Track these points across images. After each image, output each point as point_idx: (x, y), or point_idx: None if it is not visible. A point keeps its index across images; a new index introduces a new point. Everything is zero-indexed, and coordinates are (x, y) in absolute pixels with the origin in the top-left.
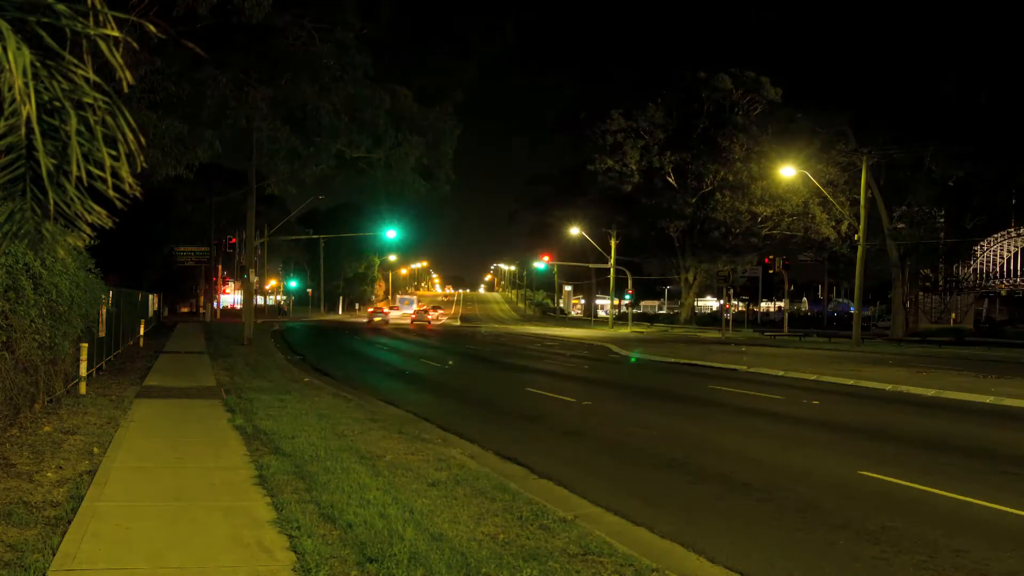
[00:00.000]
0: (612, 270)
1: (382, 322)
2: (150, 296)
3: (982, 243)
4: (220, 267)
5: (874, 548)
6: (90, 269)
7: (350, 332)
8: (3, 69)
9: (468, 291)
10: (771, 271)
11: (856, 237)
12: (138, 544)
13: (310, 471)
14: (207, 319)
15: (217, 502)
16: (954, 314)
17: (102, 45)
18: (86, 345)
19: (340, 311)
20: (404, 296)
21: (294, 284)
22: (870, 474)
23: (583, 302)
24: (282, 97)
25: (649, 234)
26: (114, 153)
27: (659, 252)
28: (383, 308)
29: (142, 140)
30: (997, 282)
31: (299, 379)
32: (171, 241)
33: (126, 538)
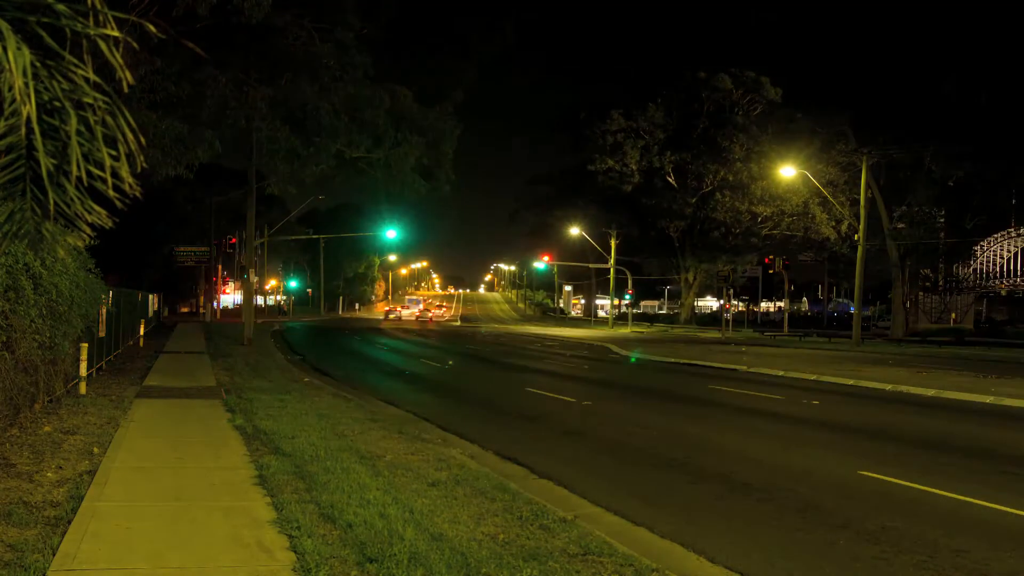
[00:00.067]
0: (612, 270)
1: (396, 318)
2: (150, 296)
3: (982, 243)
4: (220, 267)
5: (874, 548)
6: (90, 269)
7: (350, 332)
8: (3, 69)
9: (468, 291)
10: (771, 271)
11: (856, 237)
12: (138, 544)
13: (310, 471)
14: (207, 319)
15: (217, 502)
16: (954, 314)
17: (102, 45)
18: (86, 345)
19: (340, 311)
20: (411, 297)
21: (294, 284)
22: (870, 474)
23: (583, 302)
24: (282, 97)
25: (649, 234)
26: (114, 153)
27: (659, 252)
28: (396, 307)
29: (142, 140)
30: (997, 282)
31: (299, 379)
32: (171, 241)
33: (126, 538)
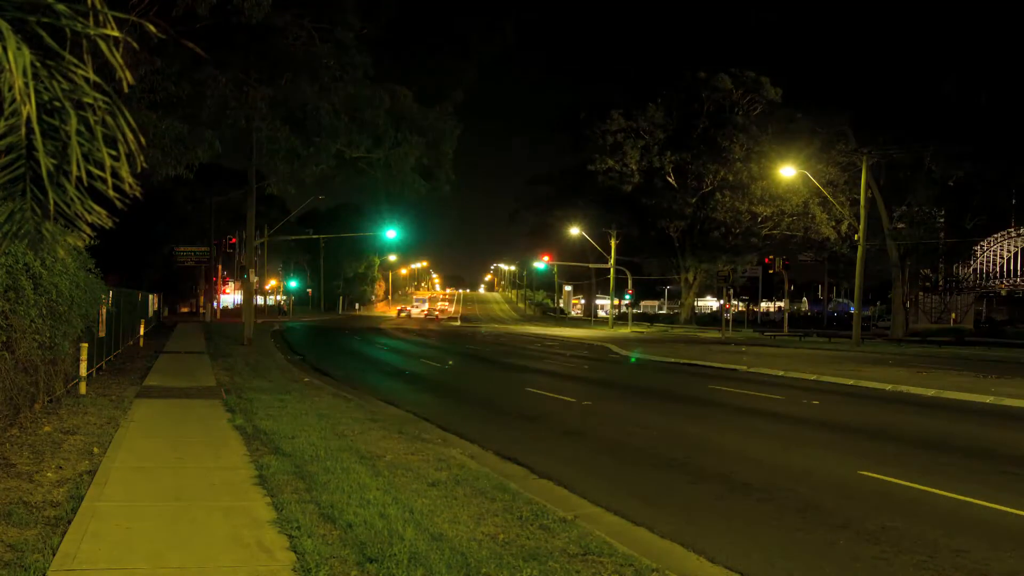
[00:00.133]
0: (612, 270)
1: (407, 316)
2: (150, 296)
3: (982, 243)
4: (220, 267)
5: (874, 548)
6: (90, 269)
7: (350, 332)
8: (3, 69)
9: (468, 291)
10: (771, 271)
11: (856, 237)
12: (138, 544)
13: (310, 471)
14: (207, 319)
15: (217, 502)
16: (954, 314)
17: (102, 45)
18: (86, 345)
19: (340, 311)
20: (418, 297)
21: (294, 284)
22: (870, 474)
23: (583, 302)
24: (282, 97)
25: (649, 234)
26: (114, 153)
27: (659, 252)
28: (407, 307)
29: (142, 140)
30: (997, 282)
31: (299, 379)
32: (171, 241)
33: (126, 538)
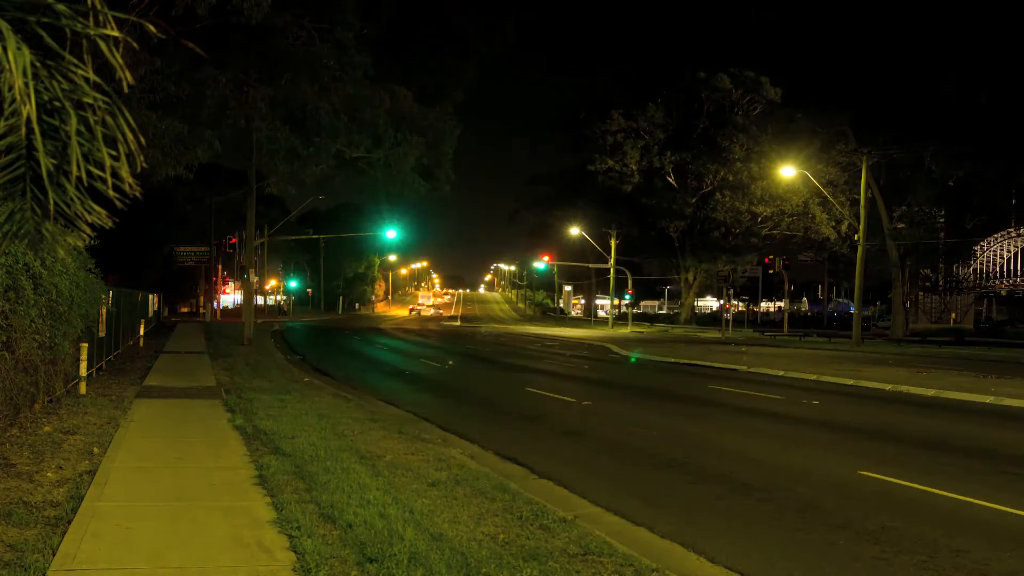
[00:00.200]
0: (612, 270)
1: (417, 314)
2: (150, 296)
3: (982, 243)
4: (220, 267)
5: (874, 548)
6: (90, 269)
7: (350, 332)
8: (3, 69)
9: (468, 291)
10: (771, 271)
11: (856, 237)
12: (138, 544)
13: (310, 471)
14: (207, 319)
15: (217, 502)
16: (954, 314)
17: (102, 45)
18: (86, 345)
19: (340, 311)
20: (424, 296)
21: (294, 284)
22: (870, 474)
23: (583, 302)
24: (282, 97)
25: (649, 234)
26: (114, 153)
27: (659, 252)
28: (416, 306)
29: (142, 140)
30: (997, 282)
31: (299, 379)
32: (171, 241)
33: (126, 538)
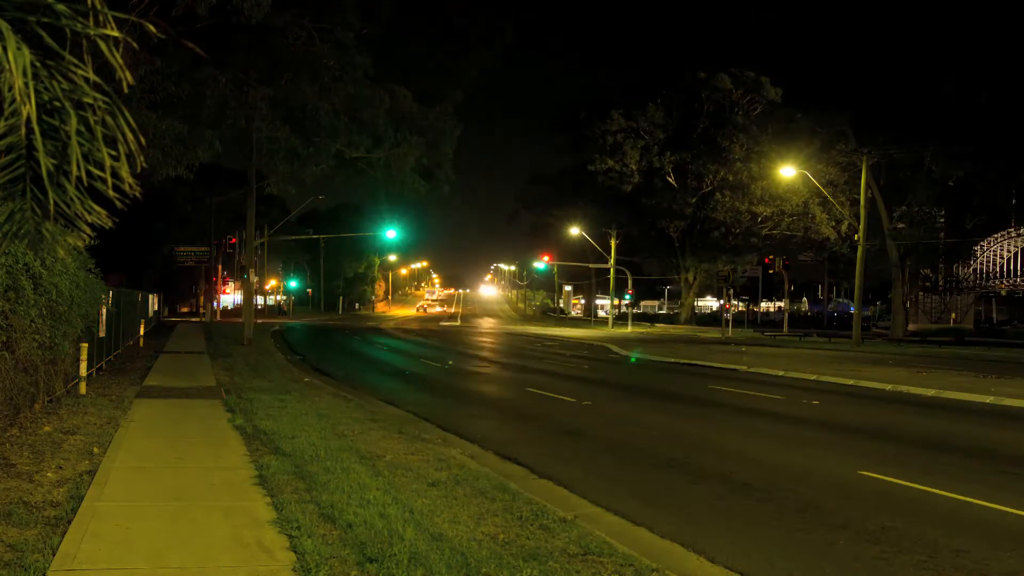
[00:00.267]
0: (612, 270)
1: (424, 310)
2: (150, 296)
3: (982, 243)
4: (220, 267)
5: (874, 548)
6: (90, 269)
7: (350, 332)
8: (3, 69)
9: (468, 291)
10: (771, 271)
11: (856, 237)
12: (138, 544)
13: (310, 471)
14: (207, 319)
15: (217, 502)
16: (954, 314)
17: (102, 45)
18: (86, 345)
19: (340, 311)
20: (430, 293)
21: (294, 284)
22: (870, 474)
23: (583, 302)
24: (282, 97)
25: (649, 234)
26: (114, 153)
27: (659, 252)
28: (423, 305)
29: (142, 140)
30: (997, 282)
31: (299, 379)
32: (171, 241)
33: (126, 538)
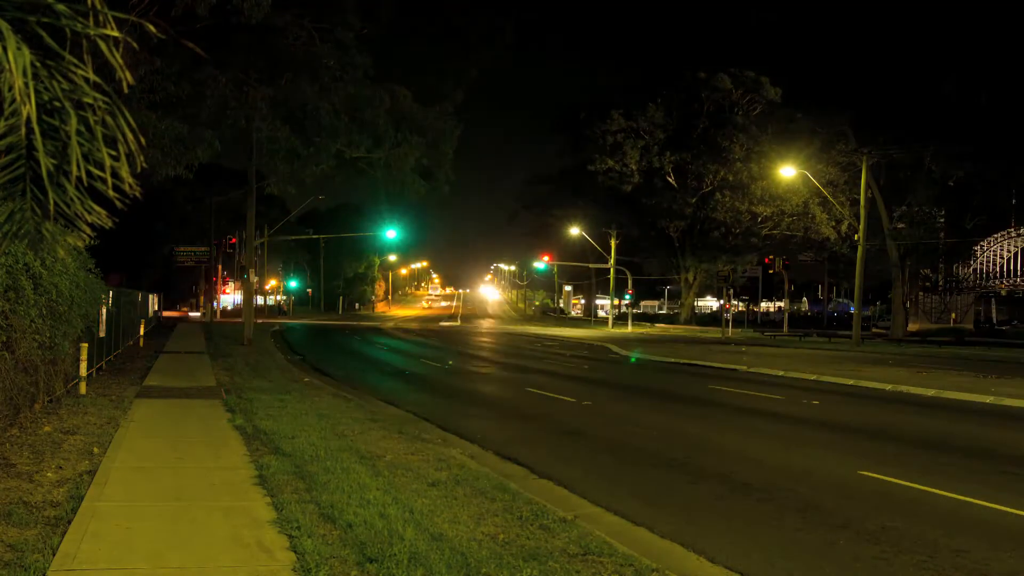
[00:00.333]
0: (612, 270)
1: (428, 306)
2: (150, 296)
3: (982, 243)
4: (220, 267)
5: (874, 548)
6: (90, 269)
7: (350, 332)
8: (3, 69)
9: (468, 291)
10: (771, 271)
11: (856, 237)
12: (138, 544)
13: (310, 471)
14: (207, 319)
15: (217, 502)
16: (954, 314)
17: (102, 45)
18: (86, 345)
19: (340, 311)
20: (433, 289)
21: (294, 284)
22: (870, 474)
23: (583, 302)
24: (282, 97)
25: (649, 234)
26: (114, 153)
27: (659, 252)
28: (429, 303)
29: (142, 140)
30: (997, 282)
31: (299, 379)
32: (171, 241)
33: (126, 538)
